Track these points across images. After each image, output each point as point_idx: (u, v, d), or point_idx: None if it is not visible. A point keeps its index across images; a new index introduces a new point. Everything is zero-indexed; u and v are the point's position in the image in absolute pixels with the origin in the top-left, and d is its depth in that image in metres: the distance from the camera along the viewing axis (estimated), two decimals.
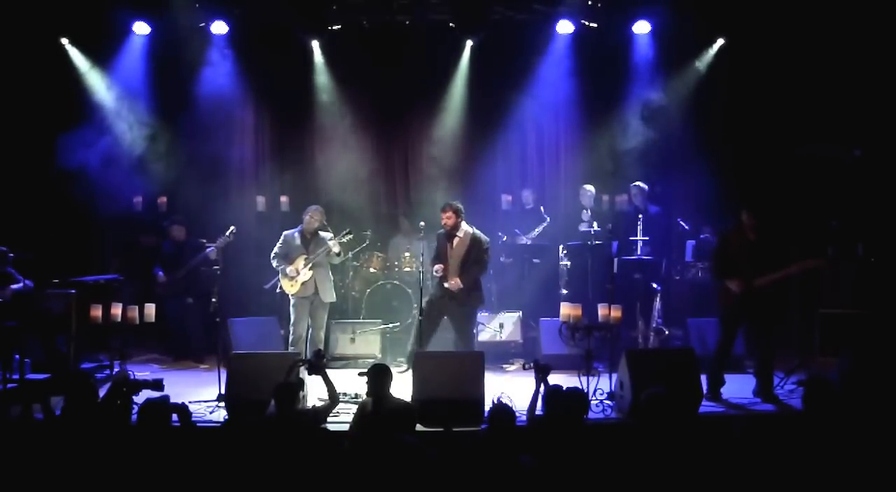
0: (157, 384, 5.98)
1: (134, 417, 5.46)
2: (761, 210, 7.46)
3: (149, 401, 5.28)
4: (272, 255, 8.53)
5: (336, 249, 8.41)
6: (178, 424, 5.31)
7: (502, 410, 5.18)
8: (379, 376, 5.85)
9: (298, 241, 8.49)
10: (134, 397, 5.70)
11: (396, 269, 10.12)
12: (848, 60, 9.62)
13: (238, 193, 11.05)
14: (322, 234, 8.56)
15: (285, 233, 8.60)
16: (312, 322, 8.44)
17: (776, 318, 7.53)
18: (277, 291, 9.04)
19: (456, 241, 8.22)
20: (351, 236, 8.86)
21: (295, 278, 8.36)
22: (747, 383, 7.62)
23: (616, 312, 7.37)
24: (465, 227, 8.27)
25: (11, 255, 8.45)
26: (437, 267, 8.17)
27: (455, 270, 8.17)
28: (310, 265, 8.35)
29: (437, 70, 10.78)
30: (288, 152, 11.15)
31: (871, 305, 8.21)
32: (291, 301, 8.48)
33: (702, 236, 9.72)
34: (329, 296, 8.52)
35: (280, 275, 8.54)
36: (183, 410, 5.37)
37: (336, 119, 10.89)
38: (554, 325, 8.65)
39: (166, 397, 5.40)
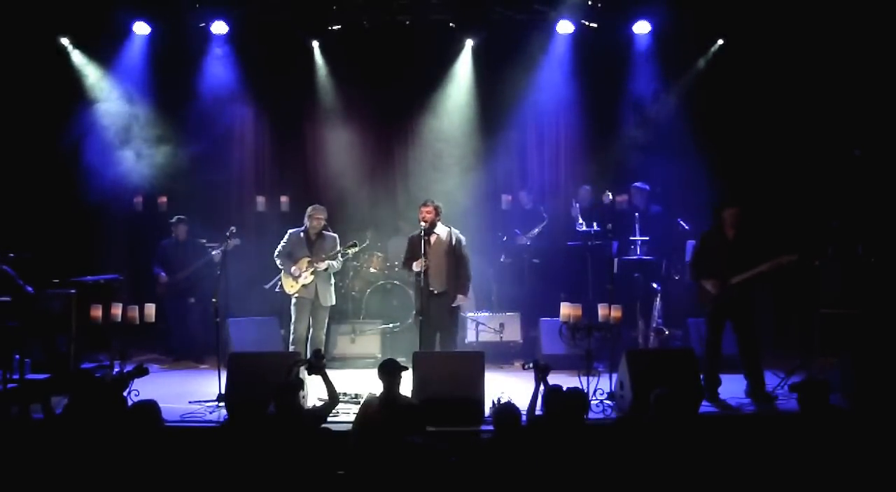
0: (141, 370, 5.96)
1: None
2: (744, 207, 7.48)
3: (136, 404, 5.29)
4: (276, 252, 8.50)
5: (323, 266, 8.34)
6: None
7: (506, 410, 5.18)
8: (394, 372, 5.83)
9: (303, 242, 8.46)
10: (128, 394, 5.71)
11: (396, 269, 10.10)
12: (848, 60, 9.61)
13: (238, 193, 11.06)
14: (327, 234, 8.54)
15: (291, 231, 8.57)
16: (313, 322, 8.43)
17: (752, 315, 7.52)
18: (277, 290, 9.03)
19: (434, 238, 8.12)
20: (356, 249, 8.84)
21: (297, 279, 8.35)
22: (745, 384, 7.62)
23: (616, 312, 7.38)
24: (442, 226, 8.22)
25: (11, 254, 8.45)
26: (418, 262, 8.00)
27: (437, 267, 8.07)
28: (312, 269, 8.34)
29: (437, 70, 10.78)
30: (288, 152, 11.15)
31: (871, 305, 8.21)
32: (292, 301, 8.47)
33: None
34: (329, 300, 8.49)
35: (282, 274, 8.53)
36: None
37: (336, 119, 10.90)
38: (554, 325, 8.66)
39: (152, 400, 5.39)
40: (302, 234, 8.49)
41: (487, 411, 6.68)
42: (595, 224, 9.62)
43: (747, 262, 7.36)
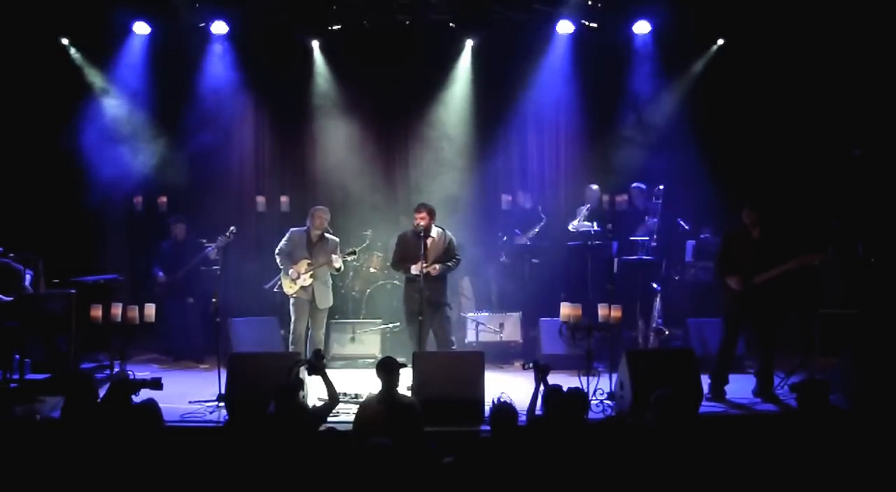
0: (156, 383, 5.99)
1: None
2: (763, 207, 7.48)
3: (136, 404, 5.30)
4: (277, 250, 8.50)
5: (338, 264, 8.35)
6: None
7: (504, 408, 5.18)
8: (392, 370, 5.84)
9: (304, 242, 8.43)
10: (134, 397, 5.71)
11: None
12: (847, 60, 9.62)
13: (238, 193, 11.06)
14: (328, 237, 8.51)
15: (293, 230, 8.56)
16: (312, 323, 8.41)
17: (778, 317, 7.54)
18: (276, 290, 9.02)
19: (430, 241, 8.12)
20: (355, 256, 8.83)
21: (295, 281, 8.33)
22: (747, 383, 7.62)
23: (616, 312, 7.37)
24: (435, 228, 8.22)
25: (12, 254, 8.45)
26: (416, 265, 7.97)
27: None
28: (311, 272, 8.32)
29: (437, 70, 10.78)
30: (288, 152, 11.16)
31: (871, 305, 8.21)
32: (291, 300, 8.47)
33: (702, 236, 9.72)
34: (325, 302, 8.46)
35: (281, 273, 8.52)
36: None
37: (336, 119, 10.89)
38: (554, 325, 8.66)
39: (152, 400, 5.39)
40: (304, 234, 8.47)
41: (488, 411, 6.68)
42: (595, 224, 9.60)
43: (772, 261, 7.35)
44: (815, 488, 4.88)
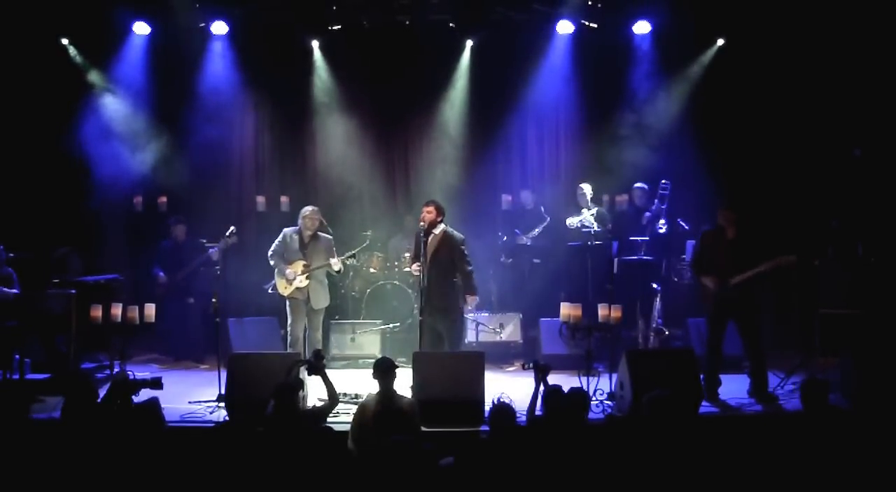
0: (157, 383, 5.99)
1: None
2: (740, 208, 7.50)
3: (138, 404, 5.30)
4: (270, 251, 8.43)
5: (337, 267, 8.27)
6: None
7: (502, 409, 5.18)
8: (388, 371, 5.85)
9: (297, 243, 8.36)
10: (134, 397, 5.71)
11: (396, 269, 10.11)
12: (847, 60, 9.62)
13: (238, 193, 11.06)
14: (321, 235, 8.46)
15: (285, 230, 8.50)
16: (308, 324, 8.35)
17: (756, 315, 7.53)
18: (271, 291, 8.99)
19: (431, 238, 7.98)
20: (355, 260, 8.81)
21: (291, 281, 8.30)
22: (745, 384, 7.62)
23: (616, 312, 7.37)
24: (441, 226, 8.10)
25: (11, 254, 8.45)
26: (414, 267, 7.98)
27: (431, 269, 7.88)
28: (307, 273, 8.28)
29: (437, 70, 10.79)
30: (288, 152, 11.16)
31: (870, 305, 8.21)
32: (287, 302, 8.39)
33: None
34: (321, 302, 8.39)
35: (276, 274, 8.49)
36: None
37: (336, 119, 10.90)
38: (554, 325, 8.65)
39: (155, 399, 5.40)
40: (296, 234, 8.41)
41: (487, 412, 6.68)
42: (595, 224, 9.58)
43: (747, 261, 7.37)
44: (815, 488, 4.88)
